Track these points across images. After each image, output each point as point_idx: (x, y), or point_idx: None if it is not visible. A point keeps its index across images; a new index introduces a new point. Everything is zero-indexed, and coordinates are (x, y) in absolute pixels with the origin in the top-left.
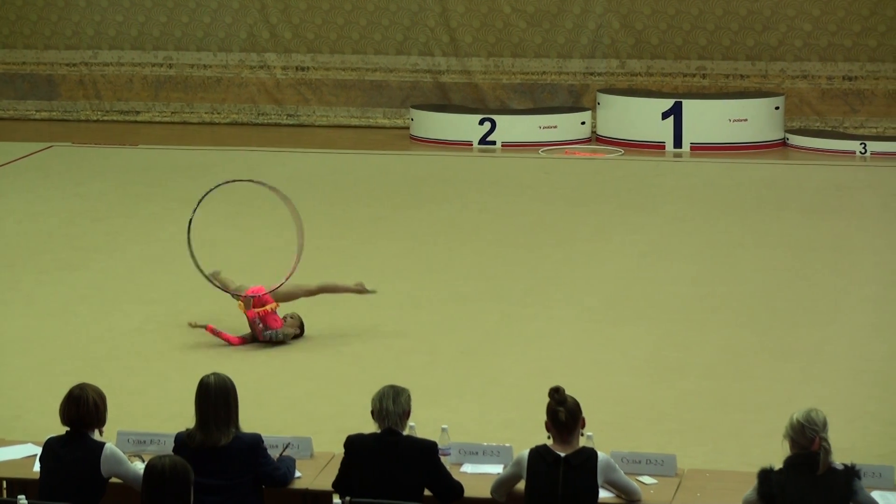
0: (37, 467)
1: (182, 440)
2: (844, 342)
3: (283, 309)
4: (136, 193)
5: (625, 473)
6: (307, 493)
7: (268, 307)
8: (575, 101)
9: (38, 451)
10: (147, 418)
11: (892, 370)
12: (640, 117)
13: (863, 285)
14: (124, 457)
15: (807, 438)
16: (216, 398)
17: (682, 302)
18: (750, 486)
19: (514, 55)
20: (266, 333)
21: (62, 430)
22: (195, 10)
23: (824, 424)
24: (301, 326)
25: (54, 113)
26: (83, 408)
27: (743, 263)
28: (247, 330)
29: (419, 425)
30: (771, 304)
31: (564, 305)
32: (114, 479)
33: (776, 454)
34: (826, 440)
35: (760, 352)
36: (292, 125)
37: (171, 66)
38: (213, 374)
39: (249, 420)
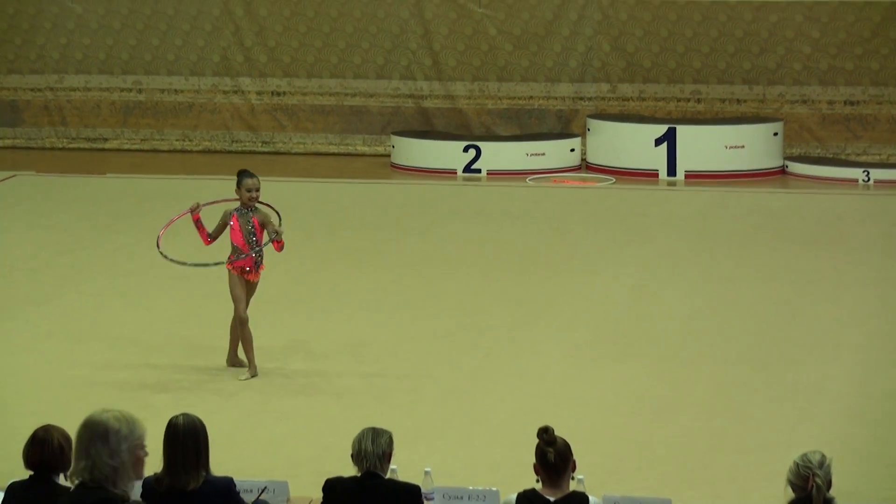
0: None
1: (150, 485)
2: (846, 380)
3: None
4: (104, 225)
5: None
6: None
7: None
8: (564, 127)
9: (0, 496)
10: None
11: None
12: (632, 144)
13: (865, 320)
14: None
15: (802, 478)
16: (185, 440)
17: (676, 338)
18: None
19: (499, 79)
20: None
21: (25, 474)
22: (166, 33)
23: (820, 464)
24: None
25: (17, 140)
26: (48, 451)
27: (739, 297)
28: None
29: (401, 468)
30: (769, 340)
31: (553, 341)
32: None
33: (776, 497)
34: (819, 477)
35: (758, 390)
36: (268, 153)
37: (140, 90)
38: (183, 414)
39: (221, 463)
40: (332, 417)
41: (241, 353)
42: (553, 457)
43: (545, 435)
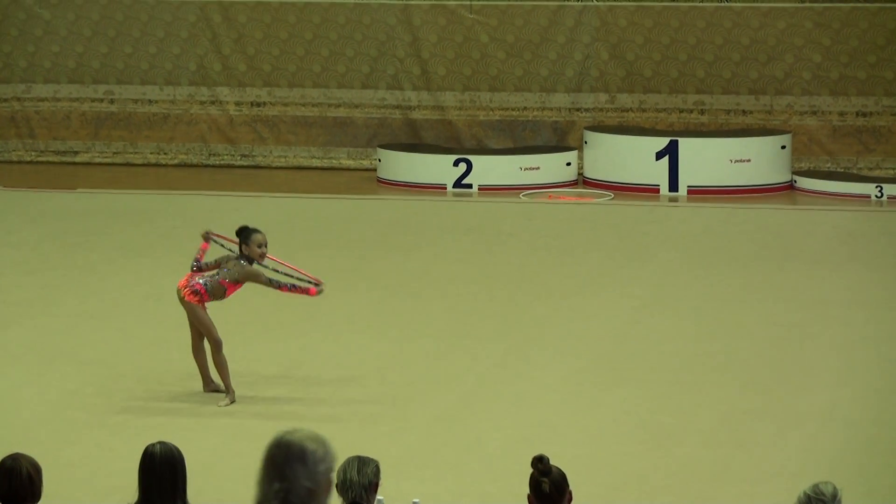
0: None
1: None
2: (858, 406)
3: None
4: (74, 242)
5: None
6: None
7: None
8: (559, 139)
9: None
10: (86, 492)
11: None
12: (632, 158)
13: (878, 343)
14: None
15: None
16: (161, 469)
17: (678, 362)
18: None
19: (492, 89)
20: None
21: None
22: (139, 40)
23: (833, 496)
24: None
25: None
26: (16, 481)
27: (745, 319)
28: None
29: (389, 499)
30: (776, 364)
31: (548, 366)
32: None
33: None
34: None
35: (765, 417)
36: (247, 166)
37: (112, 101)
38: (159, 442)
39: (201, 493)
40: None
41: (215, 377)
42: (548, 487)
43: (540, 464)
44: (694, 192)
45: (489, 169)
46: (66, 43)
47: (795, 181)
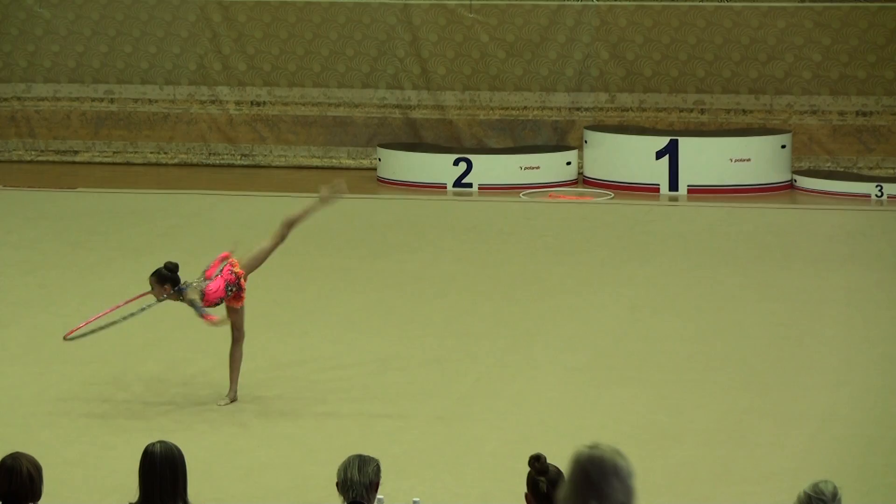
0: None
1: None
2: (858, 406)
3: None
4: (74, 242)
5: None
6: None
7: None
8: (560, 139)
9: None
10: (86, 491)
11: None
12: (632, 157)
13: (877, 343)
14: None
15: None
16: (161, 469)
17: (677, 361)
18: None
19: (492, 88)
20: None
21: None
22: (139, 40)
23: (833, 496)
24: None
25: None
26: (16, 480)
27: (745, 319)
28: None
29: (389, 498)
30: (776, 364)
31: (547, 365)
32: None
33: None
34: None
35: (764, 416)
36: (247, 166)
37: (112, 100)
38: (160, 442)
39: (200, 493)
40: (314, 444)
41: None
42: (545, 486)
43: (537, 463)
44: (694, 191)
45: (489, 168)
46: (66, 42)
47: (795, 180)
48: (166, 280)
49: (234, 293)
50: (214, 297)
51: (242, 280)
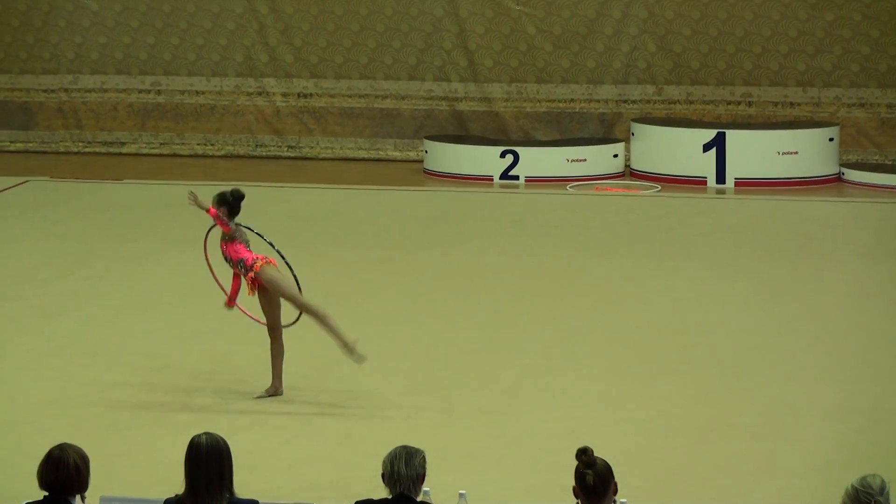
0: None
1: None
2: None
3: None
4: (121, 233)
5: None
6: None
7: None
8: (606, 131)
9: None
10: (133, 482)
11: None
12: (679, 150)
13: None
14: None
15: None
16: (207, 461)
17: (723, 355)
18: None
19: (538, 81)
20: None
21: (39, 494)
22: (186, 31)
23: (881, 490)
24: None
25: (30, 144)
26: (63, 471)
27: (793, 312)
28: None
29: (434, 490)
30: (824, 357)
31: (593, 358)
32: None
33: None
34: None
35: (812, 409)
36: (293, 158)
37: (159, 92)
38: (205, 433)
39: (245, 484)
40: (360, 436)
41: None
42: (593, 479)
43: (584, 456)
44: (741, 184)
45: (536, 160)
46: (113, 34)
47: (843, 173)
48: (225, 203)
49: (244, 271)
50: (239, 254)
51: (257, 271)
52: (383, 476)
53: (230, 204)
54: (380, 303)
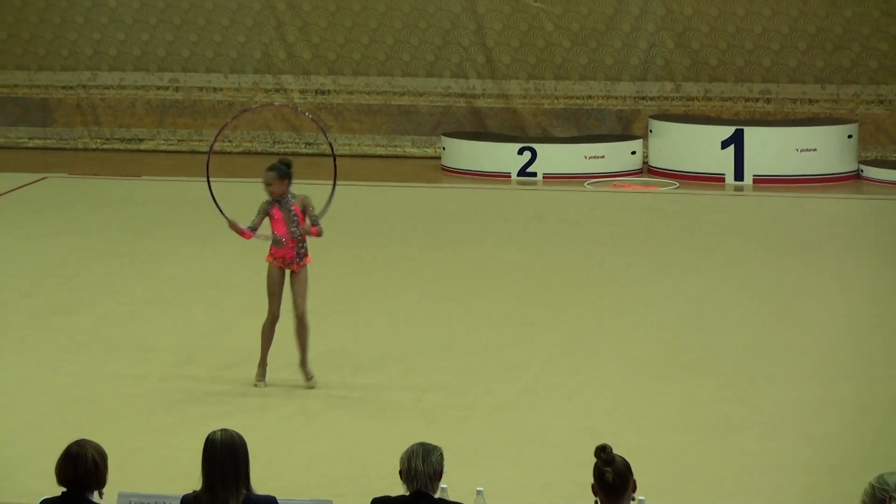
0: None
1: (188, 502)
2: None
3: None
4: (139, 230)
5: None
6: None
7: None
8: (624, 128)
9: None
10: (150, 478)
11: None
12: (697, 146)
13: None
14: None
15: (878, 501)
16: (223, 456)
17: (742, 351)
18: None
19: (556, 77)
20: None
21: (57, 491)
22: (204, 28)
23: None
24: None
25: (49, 141)
26: (81, 467)
27: (811, 309)
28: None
29: (452, 487)
30: (843, 355)
31: (611, 355)
32: None
33: None
34: None
35: (831, 407)
36: (311, 154)
37: (177, 89)
38: (222, 429)
39: (262, 481)
40: (377, 433)
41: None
42: (612, 477)
43: (603, 454)
44: (759, 181)
45: (554, 157)
46: (131, 31)
47: (862, 170)
48: (287, 177)
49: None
50: (279, 225)
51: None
52: (401, 473)
53: (290, 175)
54: (397, 299)
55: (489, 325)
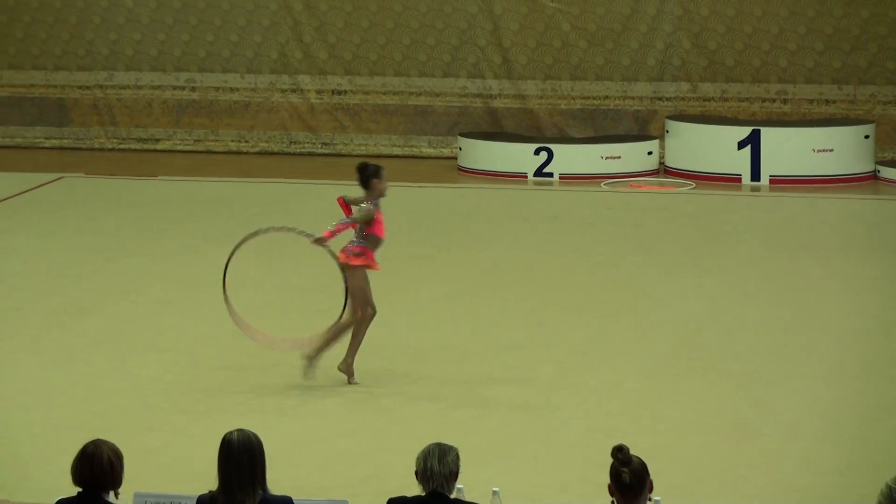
0: None
1: (204, 503)
2: None
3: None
4: (155, 230)
5: None
6: None
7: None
8: (641, 128)
9: None
10: (166, 479)
11: None
12: (714, 147)
13: None
14: None
15: (894, 502)
16: (239, 457)
17: (759, 352)
18: None
19: (573, 78)
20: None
21: (73, 490)
22: (220, 28)
23: None
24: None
25: (65, 140)
26: (97, 467)
27: (828, 309)
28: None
29: (468, 488)
30: (860, 355)
31: (628, 355)
32: None
33: None
34: None
35: (849, 408)
36: (328, 154)
37: (194, 88)
38: (238, 430)
39: (279, 481)
40: (393, 433)
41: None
42: (628, 477)
43: (620, 454)
44: (776, 181)
45: (570, 157)
46: (147, 31)
47: (879, 171)
48: (376, 175)
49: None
50: (381, 228)
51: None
52: (416, 473)
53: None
54: (414, 299)
55: (506, 324)
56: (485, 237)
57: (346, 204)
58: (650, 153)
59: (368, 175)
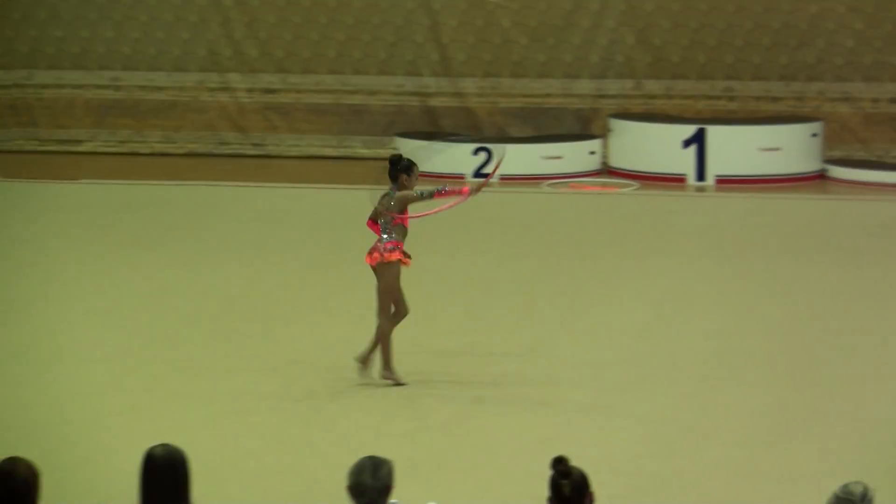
0: None
1: None
2: (891, 403)
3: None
4: (77, 235)
5: None
6: None
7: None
8: (583, 127)
9: None
10: (87, 495)
11: None
12: (658, 146)
13: None
14: None
15: None
16: (162, 473)
17: (703, 358)
18: None
19: (513, 75)
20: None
21: None
22: (147, 24)
23: (862, 497)
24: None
25: None
26: (11, 485)
27: (774, 314)
28: None
29: (402, 502)
30: (806, 361)
31: (568, 364)
32: None
33: None
34: None
35: (794, 415)
36: (258, 156)
37: (118, 88)
38: (162, 445)
39: (206, 494)
40: (322, 446)
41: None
42: (568, 489)
43: (560, 466)
44: (722, 181)
45: (510, 158)
46: (70, 27)
47: (827, 170)
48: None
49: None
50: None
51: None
52: (348, 488)
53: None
54: (345, 304)
55: (441, 332)
56: (420, 242)
57: (375, 223)
58: (593, 153)
59: (400, 169)
